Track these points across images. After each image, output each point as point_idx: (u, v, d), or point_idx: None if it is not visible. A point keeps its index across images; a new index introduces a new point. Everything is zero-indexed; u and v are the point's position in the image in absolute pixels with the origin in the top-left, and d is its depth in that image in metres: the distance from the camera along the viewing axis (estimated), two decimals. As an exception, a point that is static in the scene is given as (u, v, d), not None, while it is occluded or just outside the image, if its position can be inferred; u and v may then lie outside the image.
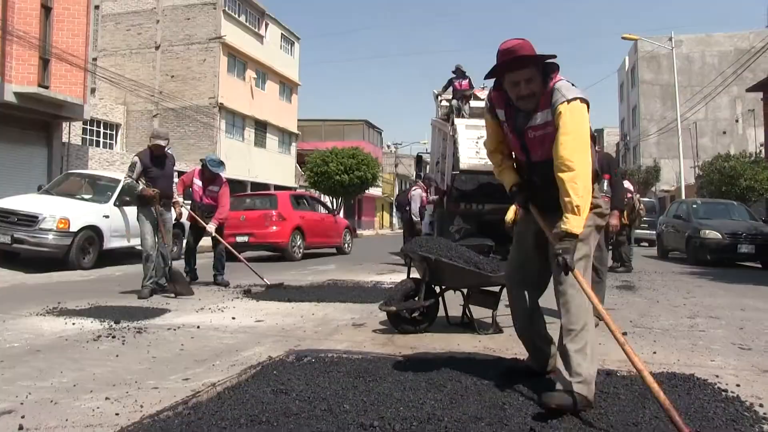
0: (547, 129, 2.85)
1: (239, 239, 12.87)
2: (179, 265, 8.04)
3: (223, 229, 8.49)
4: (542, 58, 2.85)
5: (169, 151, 7.29)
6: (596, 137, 3.03)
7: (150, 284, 6.93)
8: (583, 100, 2.79)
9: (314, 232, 14.41)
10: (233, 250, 8.20)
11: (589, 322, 2.81)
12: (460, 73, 14.02)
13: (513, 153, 3.22)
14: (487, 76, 2.99)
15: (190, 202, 8.51)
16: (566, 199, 2.68)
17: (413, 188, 12.92)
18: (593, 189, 2.89)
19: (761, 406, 2.85)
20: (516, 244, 3.28)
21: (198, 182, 8.26)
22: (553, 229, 2.79)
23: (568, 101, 2.74)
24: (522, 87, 2.85)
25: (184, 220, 8.63)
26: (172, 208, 7.50)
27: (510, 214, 10.34)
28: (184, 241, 8.82)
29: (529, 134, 2.95)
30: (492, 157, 3.37)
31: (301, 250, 13.75)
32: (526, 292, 3.15)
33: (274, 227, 13.33)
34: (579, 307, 2.80)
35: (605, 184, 10.48)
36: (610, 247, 8.74)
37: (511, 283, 3.26)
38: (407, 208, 12.77)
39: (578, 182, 2.68)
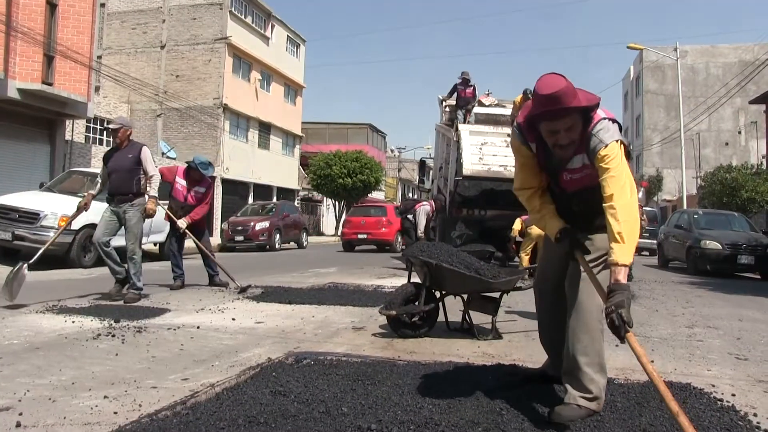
0: (584, 171, 2.74)
1: (360, 236, 19.93)
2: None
3: (202, 230, 8.22)
4: (588, 107, 2.63)
5: (141, 141, 6.76)
6: (631, 153, 2.99)
7: (129, 289, 6.46)
8: (619, 141, 2.65)
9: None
10: (202, 247, 7.91)
11: (599, 332, 2.75)
12: (464, 81, 14.05)
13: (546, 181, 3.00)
14: (526, 123, 2.78)
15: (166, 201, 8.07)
16: (613, 228, 2.50)
17: (422, 203, 12.91)
18: None
19: (755, 415, 2.87)
20: (544, 255, 3.26)
21: (182, 182, 7.95)
22: (589, 261, 2.71)
23: (606, 146, 2.60)
24: (561, 135, 2.65)
25: (160, 218, 8.09)
26: (145, 207, 6.61)
27: (517, 225, 10.37)
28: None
29: (564, 176, 2.84)
30: (526, 199, 3.02)
31: (401, 246, 17.90)
32: (552, 302, 3.09)
33: (384, 229, 19.90)
34: (590, 316, 2.72)
35: (641, 191, 10.54)
36: None
37: (538, 292, 3.23)
38: (409, 217, 12.77)
39: (629, 212, 2.52)
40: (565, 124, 2.62)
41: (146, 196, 6.61)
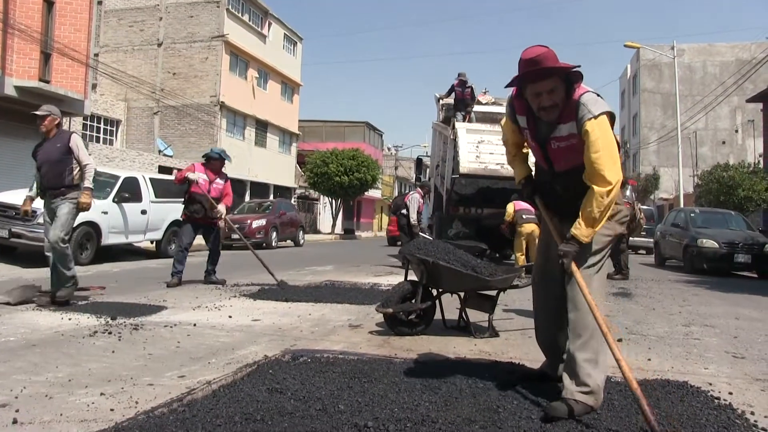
0: (571, 141, 2.82)
1: None
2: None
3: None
4: (566, 69, 2.77)
5: (73, 131, 6.55)
6: (620, 145, 3.02)
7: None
8: (609, 114, 2.75)
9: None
10: (246, 241, 8.35)
11: (597, 328, 2.76)
12: (461, 83, 14.02)
13: (534, 160, 3.17)
14: (508, 86, 2.94)
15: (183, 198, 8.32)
16: (588, 209, 2.70)
17: (411, 192, 12.84)
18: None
19: (752, 413, 2.88)
20: (540, 250, 3.28)
21: (203, 176, 8.11)
22: (560, 231, 2.88)
23: (595, 117, 2.69)
24: (544, 98, 2.79)
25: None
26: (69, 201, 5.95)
27: (510, 208, 10.34)
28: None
29: (552, 145, 2.92)
30: (506, 146, 3.37)
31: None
32: (549, 297, 3.11)
33: None
34: (588, 313, 2.73)
35: (628, 189, 10.54)
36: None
37: (536, 288, 3.25)
38: (403, 212, 12.63)
39: (605, 198, 2.68)
40: (547, 85, 2.77)
41: (81, 189, 5.94)
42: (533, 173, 3.26)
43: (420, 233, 11.43)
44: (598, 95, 2.82)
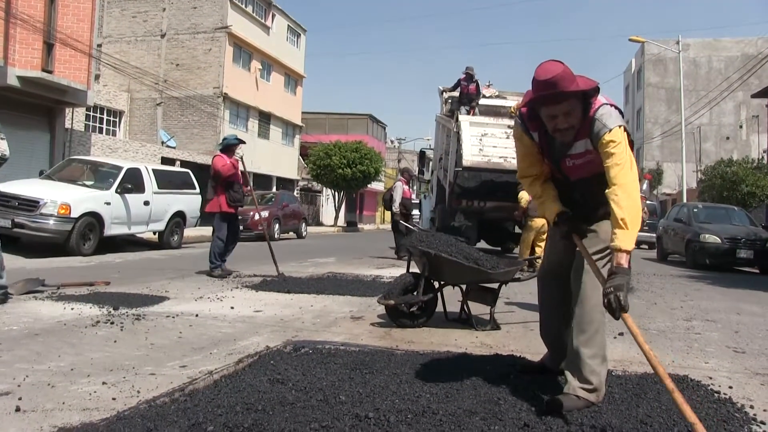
0: (587, 157, 2.75)
1: None
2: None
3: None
4: (584, 91, 2.64)
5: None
6: (633, 141, 2.99)
7: None
8: (622, 126, 2.66)
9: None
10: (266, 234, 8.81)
11: (602, 324, 2.76)
12: (468, 77, 13.95)
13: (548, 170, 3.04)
14: (523, 107, 2.83)
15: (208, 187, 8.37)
16: (620, 217, 2.53)
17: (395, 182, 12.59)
18: None
19: (752, 407, 2.90)
20: (548, 245, 3.26)
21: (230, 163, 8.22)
22: (600, 271, 2.68)
23: (610, 131, 2.61)
24: (560, 120, 2.67)
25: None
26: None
27: (525, 196, 10.22)
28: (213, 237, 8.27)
29: (567, 162, 2.85)
30: (528, 186, 3.10)
31: None
32: (554, 293, 3.09)
33: None
34: (594, 308, 2.71)
35: (645, 183, 10.48)
36: None
37: (541, 283, 3.23)
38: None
39: (629, 201, 2.55)
40: (563, 108, 2.64)
41: None
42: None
43: (401, 221, 11.18)
44: (613, 106, 2.72)
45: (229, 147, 8.28)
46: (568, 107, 2.64)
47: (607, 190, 2.60)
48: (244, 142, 8.66)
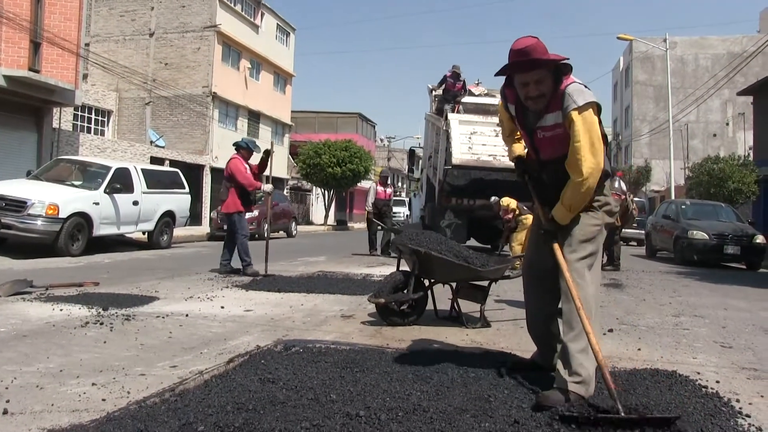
0: (557, 130, 2.87)
1: None
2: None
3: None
4: (554, 61, 2.82)
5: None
6: (607, 137, 3.03)
7: None
8: (595, 105, 2.79)
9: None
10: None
11: (591, 318, 2.78)
12: (455, 75, 13.97)
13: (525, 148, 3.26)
14: (497, 74, 2.98)
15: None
16: (566, 194, 2.84)
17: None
18: (603, 187, 2.96)
19: (738, 401, 2.93)
20: (531, 241, 3.31)
21: (246, 167, 8.37)
22: (546, 212, 2.98)
23: (579, 109, 2.74)
24: (531, 88, 2.85)
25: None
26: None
27: (513, 203, 10.29)
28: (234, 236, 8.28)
29: (538, 134, 2.97)
30: (502, 128, 3.47)
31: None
32: (539, 288, 3.14)
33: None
34: (583, 302, 2.74)
35: (618, 181, 10.57)
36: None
37: (527, 279, 3.27)
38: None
39: (582, 188, 2.78)
40: (534, 76, 2.83)
41: None
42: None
43: (374, 219, 12.48)
44: (586, 86, 2.85)
45: (241, 150, 8.39)
46: (538, 75, 2.82)
47: (575, 179, 2.79)
48: (257, 150, 8.66)
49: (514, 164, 3.34)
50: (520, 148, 3.31)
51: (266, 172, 8.50)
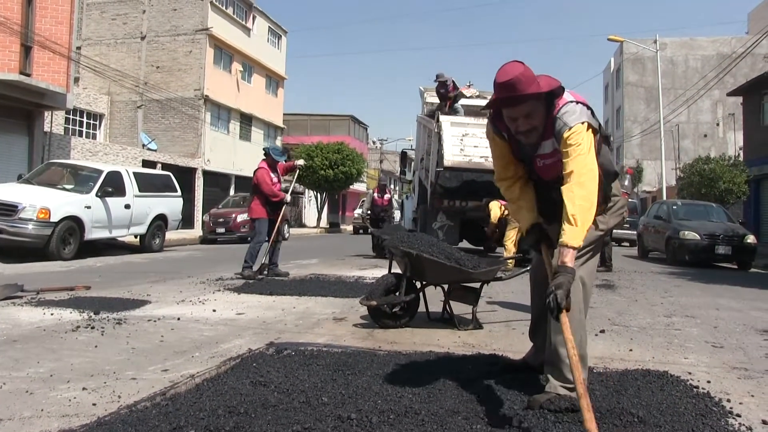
0: (556, 156, 2.72)
1: None
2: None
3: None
4: (542, 94, 2.64)
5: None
6: (609, 137, 2.99)
7: None
8: (584, 123, 2.63)
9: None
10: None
11: (581, 323, 2.77)
12: (442, 84, 13.88)
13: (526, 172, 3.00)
14: (485, 108, 2.84)
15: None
16: (570, 214, 2.52)
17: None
18: (611, 188, 2.91)
19: (728, 401, 2.95)
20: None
21: (273, 175, 8.49)
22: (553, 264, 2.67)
23: (570, 128, 2.60)
24: (521, 122, 2.68)
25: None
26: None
27: (496, 211, 10.40)
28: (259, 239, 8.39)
29: (538, 162, 2.85)
30: (505, 190, 3.06)
31: None
32: (544, 291, 3.09)
33: None
34: (573, 307, 2.66)
35: (627, 179, 10.64)
36: None
37: (532, 285, 3.25)
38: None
39: (579, 196, 2.53)
40: (523, 110, 2.64)
41: None
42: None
43: (369, 225, 13.07)
44: (581, 103, 2.70)
45: (267, 156, 8.55)
46: (527, 109, 2.64)
47: (562, 186, 2.58)
48: (276, 156, 8.69)
49: (527, 235, 2.91)
50: (533, 217, 2.91)
51: (290, 182, 8.65)
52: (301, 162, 9.08)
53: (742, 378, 3.48)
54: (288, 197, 8.56)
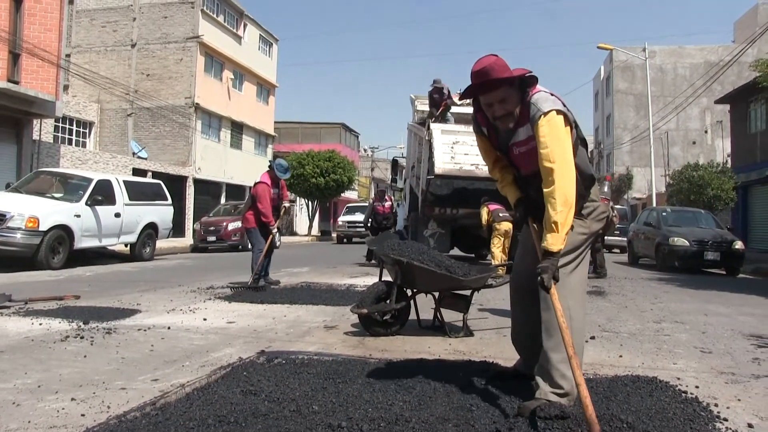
0: (531, 144, 2.81)
1: None
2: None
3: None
4: (514, 78, 2.77)
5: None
6: (586, 140, 3.03)
7: None
8: (560, 111, 2.73)
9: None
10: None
11: (572, 329, 2.76)
12: (438, 90, 13.94)
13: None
14: (462, 98, 2.96)
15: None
16: (548, 214, 2.65)
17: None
18: (589, 194, 2.94)
19: (716, 405, 2.98)
20: (519, 250, 3.29)
21: (273, 191, 8.48)
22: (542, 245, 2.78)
23: (545, 114, 2.69)
24: (496, 108, 2.82)
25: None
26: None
27: (484, 213, 10.47)
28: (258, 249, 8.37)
29: (514, 151, 2.94)
30: (492, 174, 3.29)
31: None
32: (525, 297, 3.09)
33: None
34: (564, 312, 2.68)
35: (606, 185, 10.75)
36: None
37: (513, 290, 3.26)
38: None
39: (557, 197, 2.62)
40: (497, 96, 2.80)
41: None
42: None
43: (371, 235, 12.84)
44: (555, 95, 2.82)
45: (272, 170, 8.48)
46: (502, 94, 2.79)
47: (545, 190, 2.68)
48: (283, 175, 8.61)
49: (514, 207, 3.14)
50: (517, 192, 3.12)
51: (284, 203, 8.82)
52: (286, 204, 8.99)
53: (729, 383, 3.51)
54: (275, 229, 8.43)
